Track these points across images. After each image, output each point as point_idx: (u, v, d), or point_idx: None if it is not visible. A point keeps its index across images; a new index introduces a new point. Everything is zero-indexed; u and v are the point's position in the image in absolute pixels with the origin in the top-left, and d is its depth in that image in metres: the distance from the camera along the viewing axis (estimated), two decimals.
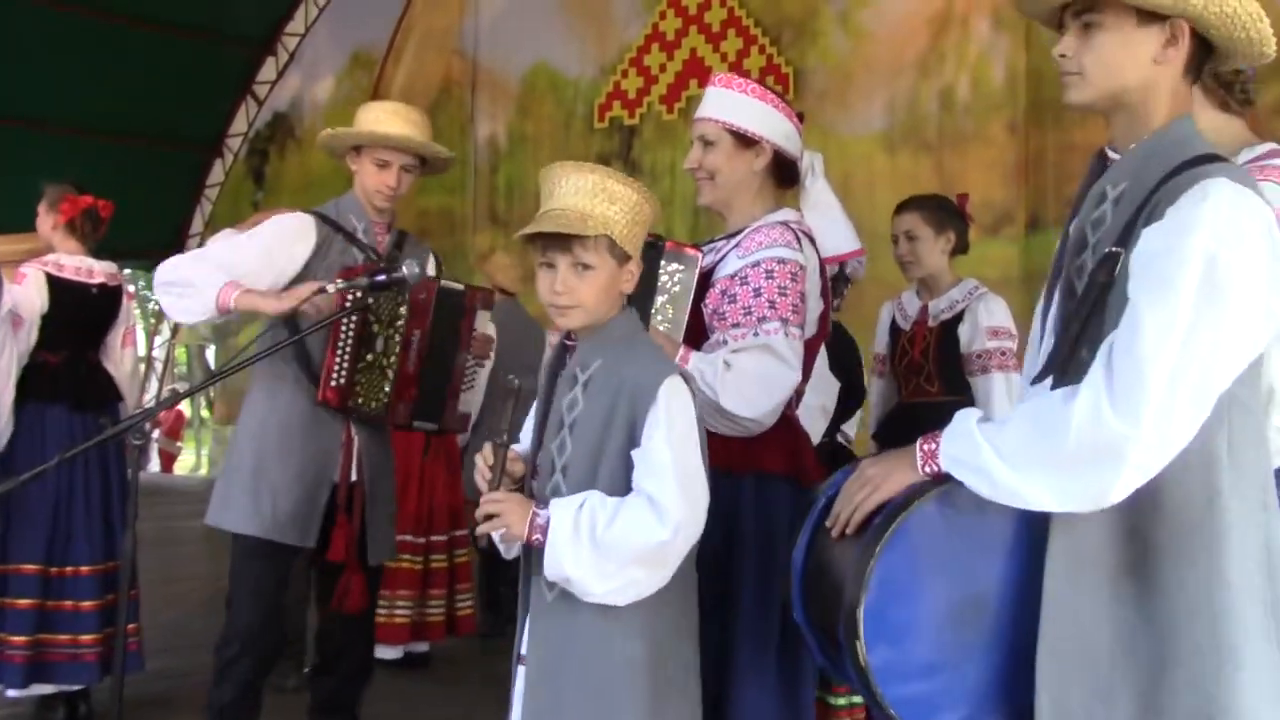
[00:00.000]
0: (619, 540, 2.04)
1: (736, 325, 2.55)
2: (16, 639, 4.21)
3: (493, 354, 3.68)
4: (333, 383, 3.38)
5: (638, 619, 2.13)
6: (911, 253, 3.92)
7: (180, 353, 16.54)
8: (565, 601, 2.13)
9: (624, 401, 2.12)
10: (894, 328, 4.06)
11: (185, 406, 16.61)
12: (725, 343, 2.55)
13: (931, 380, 3.88)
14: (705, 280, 2.66)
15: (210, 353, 15.69)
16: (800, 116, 2.86)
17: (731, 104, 2.74)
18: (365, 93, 12.45)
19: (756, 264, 2.57)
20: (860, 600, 1.81)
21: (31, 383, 4.30)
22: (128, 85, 12.57)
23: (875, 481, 1.90)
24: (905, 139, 8.42)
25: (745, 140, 2.72)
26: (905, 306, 4.06)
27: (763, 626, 2.57)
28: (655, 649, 2.15)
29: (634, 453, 2.11)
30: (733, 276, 2.60)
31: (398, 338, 3.36)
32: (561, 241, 2.16)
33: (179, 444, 17.43)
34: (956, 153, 8.13)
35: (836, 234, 2.87)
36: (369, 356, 3.39)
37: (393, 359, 3.37)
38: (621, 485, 2.12)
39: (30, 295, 4.30)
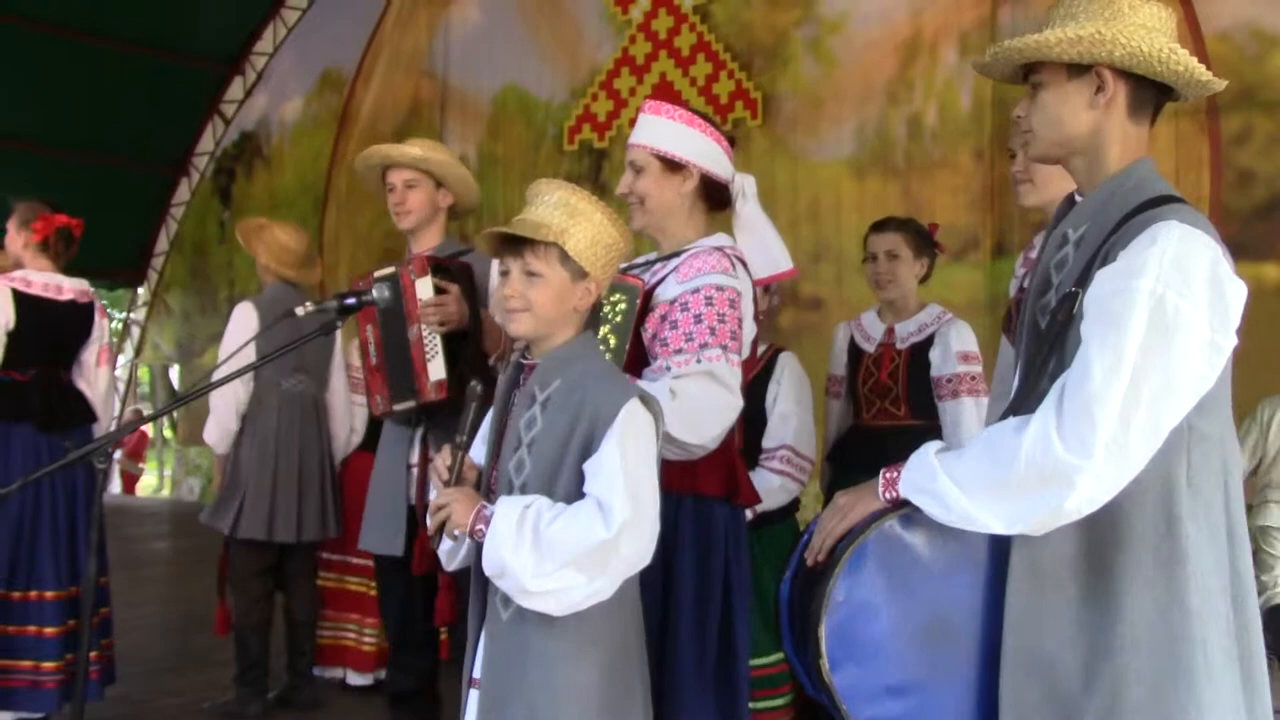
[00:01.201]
0: (560, 537, 2.02)
1: (679, 351, 2.58)
2: None
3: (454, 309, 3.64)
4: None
5: (590, 645, 2.11)
6: (890, 272, 3.93)
7: (143, 372, 16.39)
8: (519, 623, 2.12)
9: (584, 422, 2.11)
10: (854, 350, 4.05)
11: (149, 427, 16.46)
12: (668, 369, 2.57)
13: (899, 403, 3.88)
14: (644, 303, 2.69)
15: (174, 373, 15.55)
16: (731, 141, 2.91)
17: (659, 130, 2.79)
18: (334, 113, 12.45)
19: (696, 290, 2.61)
20: (820, 618, 1.86)
21: None
22: (93, 103, 12.54)
23: (844, 510, 1.96)
24: (873, 164, 8.49)
25: (672, 165, 2.77)
26: (866, 328, 4.05)
27: (700, 645, 2.60)
28: (607, 675, 2.13)
29: (585, 465, 2.10)
30: (673, 302, 2.62)
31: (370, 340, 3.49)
32: (514, 247, 2.19)
33: (141, 465, 17.26)
34: (924, 178, 8.21)
35: (768, 255, 2.87)
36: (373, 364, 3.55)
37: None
38: (578, 500, 2.11)
39: None
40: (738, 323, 2.63)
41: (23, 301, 4.30)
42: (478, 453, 2.30)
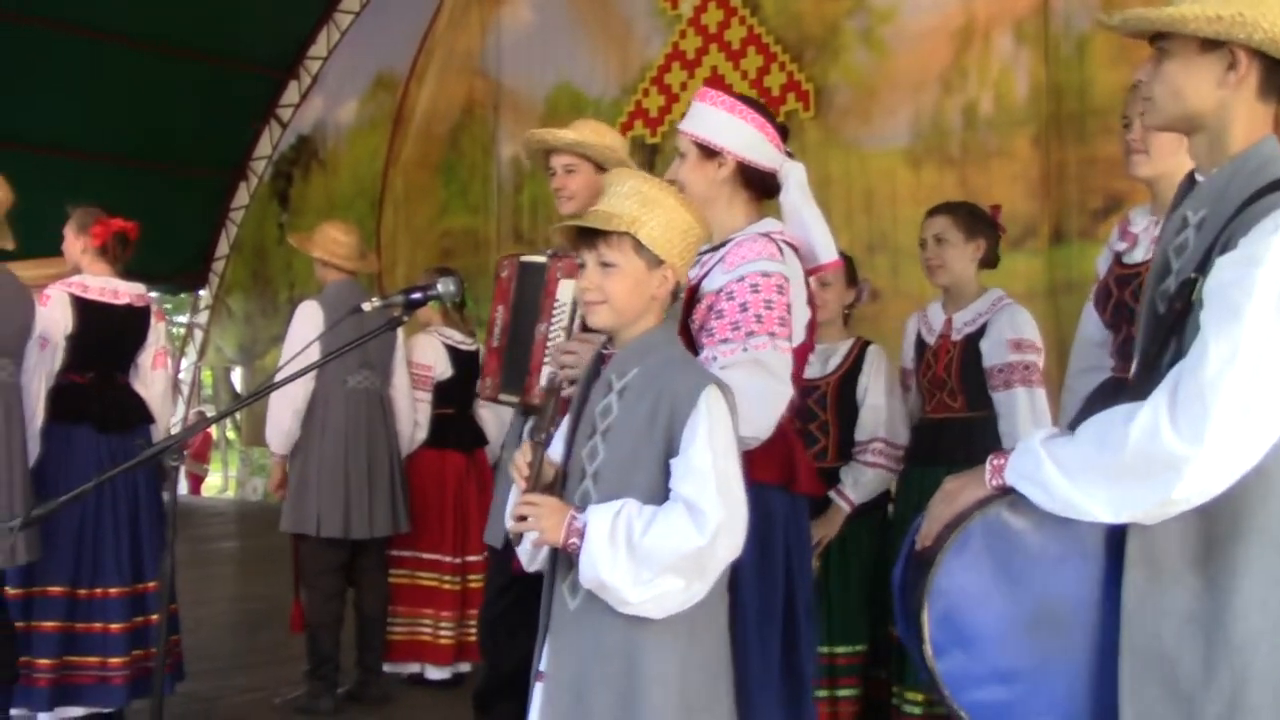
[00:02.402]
0: (656, 546, 2.00)
1: (725, 341, 2.56)
2: (42, 662, 4.19)
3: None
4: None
5: (668, 633, 2.08)
6: (939, 256, 3.84)
7: (206, 375, 16.62)
8: (590, 612, 2.10)
9: (663, 409, 2.09)
10: (920, 341, 4.01)
11: (213, 428, 16.70)
12: (715, 359, 2.55)
13: (955, 396, 3.81)
14: (691, 295, 2.67)
15: (236, 375, 15.77)
16: (784, 130, 2.86)
17: (701, 116, 2.79)
18: (388, 114, 12.55)
19: (741, 278, 2.58)
20: (924, 604, 1.87)
21: (59, 403, 4.30)
22: (153, 111, 12.74)
23: (951, 496, 1.97)
24: (928, 154, 8.41)
25: (708, 152, 2.76)
26: (930, 319, 3.96)
27: (765, 635, 2.58)
28: (686, 666, 2.10)
29: (672, 461, 2.08)
30: (719, 292, 2.61)
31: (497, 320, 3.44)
32: (589, 239, 2.19)
33: (206, 466, 17.52)
34: (980, 167, 8.12)
35: (810, 246, 2.81)
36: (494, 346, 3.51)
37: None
38: (659, 494, 2.08)
39: (54, 316, 4.31)
40: (786, 308, 2.60)
41: (81, 306, 4.38)
42: (554, 449, 2.28)
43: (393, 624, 5.21)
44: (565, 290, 3.31)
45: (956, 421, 3.77)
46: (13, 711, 4.14)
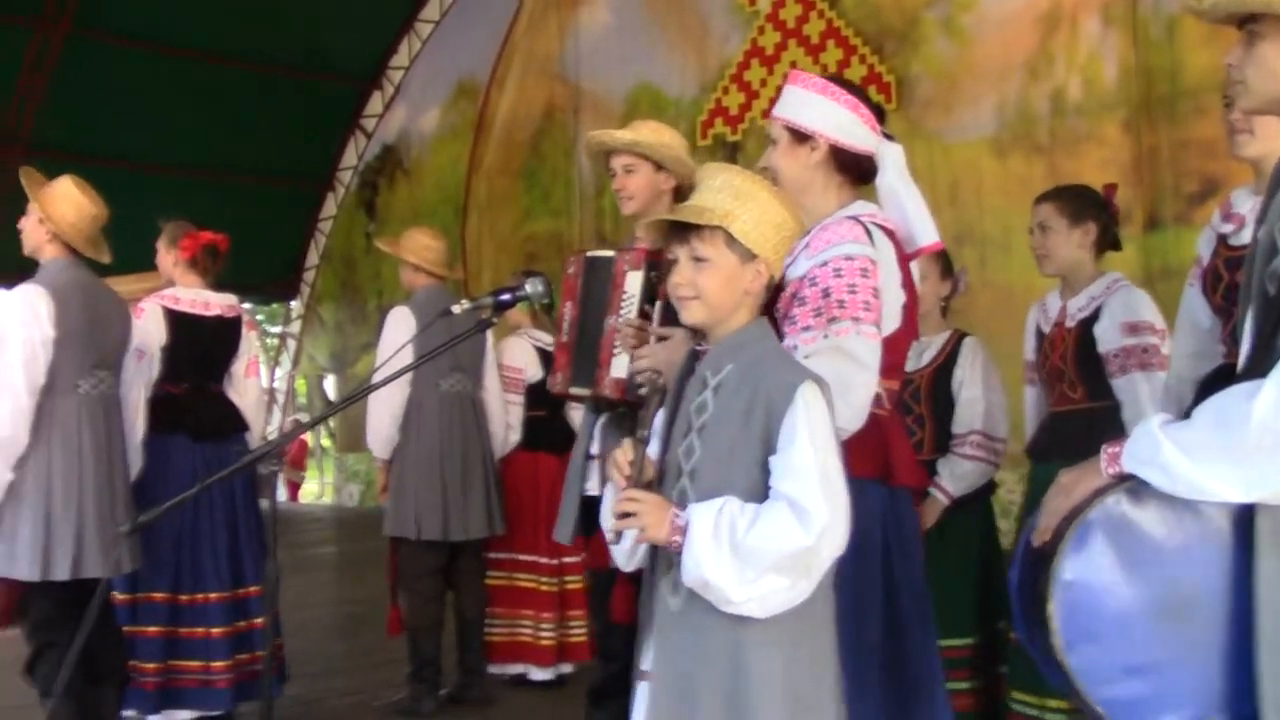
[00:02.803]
0: (760, 545, 1.97)
1: (807, 329, 2.48)
2: (148, 666, 4.29)
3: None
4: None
5: (773, 631, 2.03)
6: (1043, 245, 3.71)
7: (300, 383, 16.93)
8: (693, 611, 2.06)
9: (759, 406, 2.05)
10: (1038, 332, 3.89)
11: (308, 436, 16.98)
12: (796, 347, 2.47)
13: (1074, 386, 3.66)
14: (777, 285, 2.64)
15: (329, 382, 16.04)
16: (879, 112, 2.77)
17: (792, 100, 2.70)
18: (470, 122, 12.68)
19: (824, 263, 2.50)
20: (1049, 597, 1.83)
21: (155, 414, 4.40)
22: (241, 125, 13.02)
23: (1067, 488, 1.92)
24: (1015, 142, 8.29)
25: (800, 136, 2.67)
26: (1047, 308, 3.80)
27: (860, 634, 2.48)
28: (792, 665, 2.06)
29: (772, 459, 2.04)
30: (802, 278, 2.53)
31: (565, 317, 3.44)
32: (681, 234, 2.17)
33: (303, 473, 17.85)
34: (1069, 154, 7.99)
35: (909, 229, 2.70)
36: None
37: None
38: (757, 492, 2.04)
39: (149, 328, 4.42)
40: (872, 293, 2.50)
41: (174, 318, 4.47)
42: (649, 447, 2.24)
43: (492, 625, 5.24)
44: (633, 281, 3.30)
45: (1078, 414, 3.61)
46: (123, 713, 4.26)
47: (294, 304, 15.36)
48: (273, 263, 14.43)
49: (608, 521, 2.15)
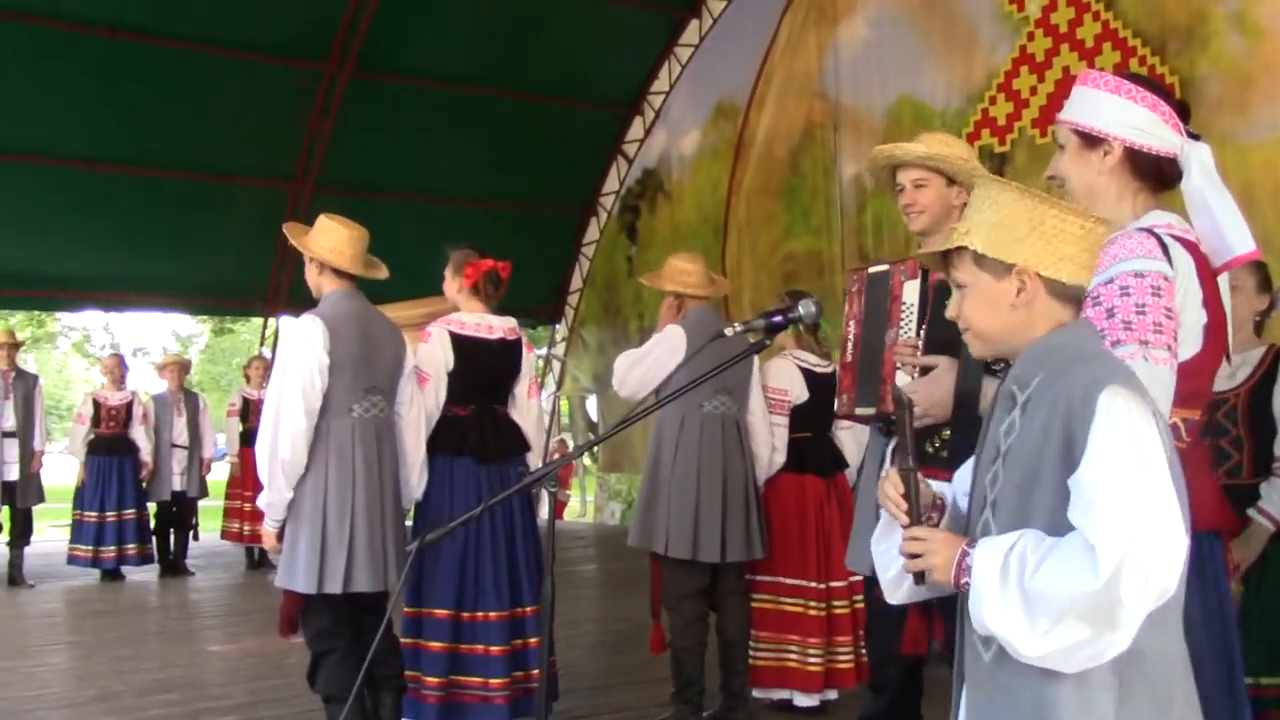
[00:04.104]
0: (1046, 588, 1.70)
1: None
2: (431, 680, 4.44)
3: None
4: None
5: (1087, 689, 1.76)
6: None
7: (563, 404, 17.38)
8: (1004, 663, 1.83)
9: (1058, 417, 1.79)
10: None
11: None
12: None
13: None
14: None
15: (591, 403, 16.39)
16: (1183, 109, 2.53)
17: (1081, 102, 2.51)
18: (729, 142, 12.73)
19: (1110, 280, 2.30)
20: None
21: (441, 436, 4.58)
22: (510, 155, 13.51)
23: None
24: None
25: (1090, 140, 2.47)
26: None
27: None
28: None
29: (1069, 480, 1.77)
30: (1086, 297, 2.32)
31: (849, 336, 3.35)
32: (946, 265, 2.02)
33: (567, 491, 18.32)
34: None
35: (1220, 237, 2.45)
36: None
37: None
38: (1064, 521, 1.76)
39: (435, 352, 4.59)
40: (1164, 313, 2.27)
41: (458, 342, 4.62)
42: (957, 481, 2.10)
43: (757, 649, 5.19)
44: (910, 291, 3.18)
45: None
46: None
47: (558, 327, 15.77)
48: (538, 287, 14.87)
49: (879, 558, 2.03)
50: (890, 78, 10.64)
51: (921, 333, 3.14)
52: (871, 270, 3.37)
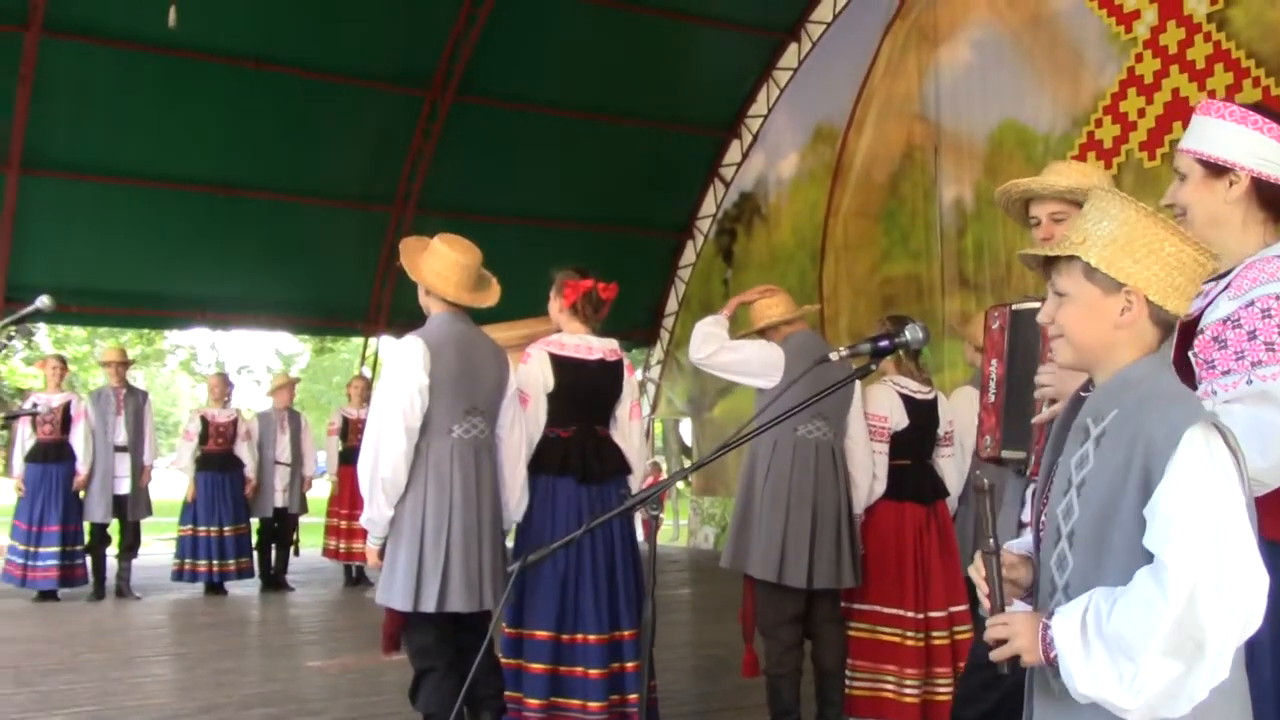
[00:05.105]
0: (1124, 626, 1.71)
1: (1227, 373, 2.31)
2: (532, 702, 4.44)
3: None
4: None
5: None
6: None
7: (657, 427, 17.38)
8: (1073, 707, 1.84)
9: (1138, 454, 1.80)
10: None
11: (664, 478, 17.39)
12: (1215, 393, 2.31)
13: None
14: (1191, 328, 2.42)
15: (684, 426, 16.37)
16: None
17: (1204, 131, 2.53)
18: (827, 166, 12.67)
19: (1250, 303, 2.33)
20: None
21: (543, 456, 4.60)
22: (610, 178, 13.62)
23: None
24: None
25: (1215, 169, 2.50)
26: None
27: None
28: None
29: (1145, 510, 1.79)
30: (1224, 321, 2.36)
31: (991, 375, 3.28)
32: (1046, 268, 2.03)
33: (661, 514, 18.31)
34: None
35: None
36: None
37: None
38: (1141, 555, 1.78)
39: (534, 373, 4.61)
40: None
41: (558, 363, 4.64)
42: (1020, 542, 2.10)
43: (853, 678, 5.11)
44: None
45: None
46: None
47: (654, 349, 15.79)
48: (635, 310, 14.92)
49: (994, 653, 2.00)
50: (993, 100, 10.50)
51: None
52: (1018, 307, 3.29)
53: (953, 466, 5.34)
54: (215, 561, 10.28)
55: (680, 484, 18.19)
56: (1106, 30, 9.49)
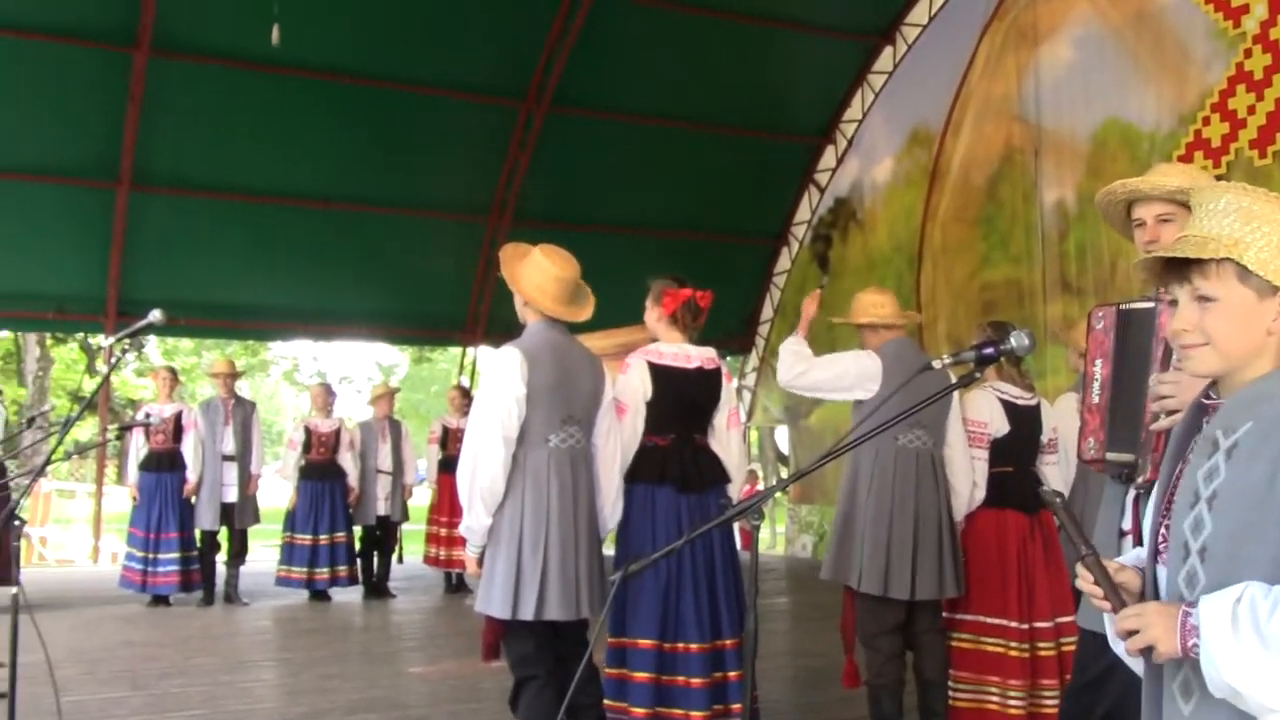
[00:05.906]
0: None
1: None
2: (637, 711, 4.42)
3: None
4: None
5: None
6: None
7: (752, 434, 17.30)
8: (1205, 711, 1.78)
9: None
10: None
11: (760, 485, 17.32)
12: None
13: None
14: None
15: (780, 434, 16.29)
16: None
17: None
18: (924, 169, 12.52)
19: None
20: None
21: (641, 465, 4.59)
22: (702, 185, 13.62)
23: None
24: None
25: None
26: None
27: None
28: None
29: None
30: None
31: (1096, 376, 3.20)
32: (1179, 272, 1.91)
33: (759, 523, 18.23)
34: None
35: None
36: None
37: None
38: None
39: (633, 383, 4.61)
40: None
41: (656, 372, 4.63)
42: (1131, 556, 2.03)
43: (956, 689, 5.02)
44: None
45: None
46: None
47: (750, 357, 15.74)
48: (730, 317, 14.89)
49: (1120, 645, 1.94)
50: (1095, 99, 10.29)
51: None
52: (1127, 307, 3.19)
53: (1058, 474, 5.23)
54: (322, 569, 10.46)
55: (777, 492, 18.12)
56: (1213, 25, 9.24)
